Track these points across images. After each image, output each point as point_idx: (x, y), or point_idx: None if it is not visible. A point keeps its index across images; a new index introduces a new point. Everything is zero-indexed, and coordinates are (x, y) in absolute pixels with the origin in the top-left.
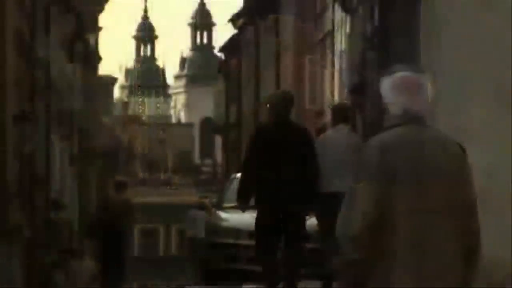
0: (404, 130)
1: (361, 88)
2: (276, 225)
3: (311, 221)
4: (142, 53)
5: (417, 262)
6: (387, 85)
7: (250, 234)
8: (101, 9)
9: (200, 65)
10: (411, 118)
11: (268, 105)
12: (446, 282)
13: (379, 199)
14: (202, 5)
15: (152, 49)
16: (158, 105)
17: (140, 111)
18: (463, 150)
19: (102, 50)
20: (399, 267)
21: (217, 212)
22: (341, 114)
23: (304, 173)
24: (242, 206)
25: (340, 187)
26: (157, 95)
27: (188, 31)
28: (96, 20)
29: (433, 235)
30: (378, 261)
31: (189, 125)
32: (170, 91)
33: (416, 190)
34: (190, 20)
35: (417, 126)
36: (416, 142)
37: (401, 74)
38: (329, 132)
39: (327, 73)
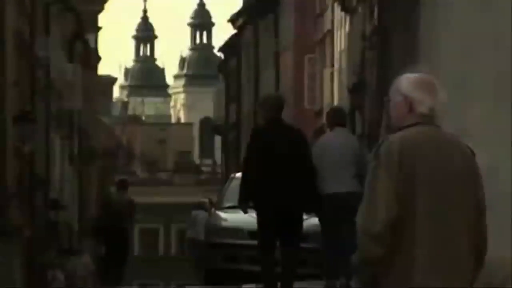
0: (424, 129)
1: (361, 88)
2: (274, 225)
3: (310, 221)
4: (141, 53)
5: (435, 261)
6: (411, 84)
7: (249, 234)
8: (100, 9)
9: (200, 65)
10: (433, 117)
11: (260, 109)
12: (462, 281)
13: (400, 196)
14: (201, 5)
15: (152, 49)
16: (157, 105)
17: (140, 111)
18: (473, 152)
19: (102, 50)
20: (418, 266)
21: (217, 212)
22: (338, 117)
23: (299, 172)
24: (244, 207)
25: (339, 188)
26: (157, 95)
27: (187, 31)
28: (95, 20)
29: (450, 234)
30: (397, 259)
31: (188, 125)
32: (170, 91)
33: (435, 188)
34: (189, 20)
35: (434, 126)
36: (435, 141)
37: (421, 74)
38: (327, 134)
39: (327, 72)
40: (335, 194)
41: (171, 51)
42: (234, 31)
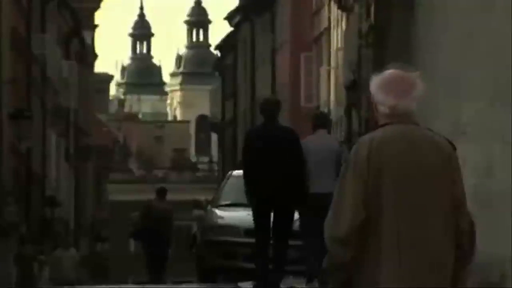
0: (392, 128)
1: (357, 86)
2: (267, 221)
3: None
4: (138, 51)
5: (404, 261)
6: (375, 84)
7: (246, 232)
8: (97, 7)
9: (196, 62)
10: (399, 116)
11: (260, 110)
12: (439, 281)
13: (366, 198)
14: (198, 2)
15: (148, 47)
16: (154, 102)
17: (136, 108)
18: (454, 147)
19: (98, 47)
20: (385, 266)
21: (213, 210)
22: (320, 120)
23: (291, 168)
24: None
25: (321, 189)
26: (153, 92)
27: (184, 28)
28: (92, 18)
29: (419, 233)
30: (365, 260)
31: (185, 122)
32: (166, 89)
33: (404, 188)
34: (186, 18)
35: (405, 125)
36: (405, 140)
37: (389, 72)
38: (310, 137)
39: (323, 70)
40: (316, 194)
41: (168, 49)
42: (230, 29)
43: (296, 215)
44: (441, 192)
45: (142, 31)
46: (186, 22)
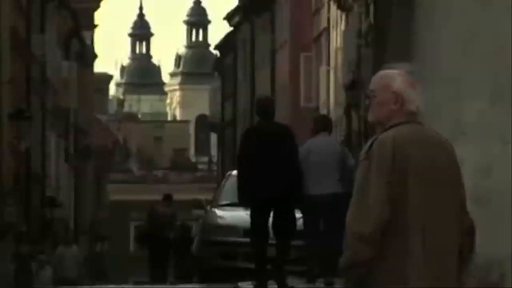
0: (412, 127)
1: (357, 85)
2: (265, 220)
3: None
4: (137, 51)
5: (428, 261)
6: (404, 82)
7: (245, 232)
8: (96, 7)
9: (196, 62)
10: (415, 116)
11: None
12: (451, 280)
13: (392, 196)
14: (197, 2)
15: (148, 47)
16: (153, 102)
17: (136, 108)
18: (452, 147)
19: (98, 47)
20: (413, 266)
21: (213, 209)
22: (322, 123)
23: (286, 162)
24: (245, 203)
25: (323, 190)
26: (153, 92)
27: (183, 28)
28: (91, 18)
29: (440, 233)
30: (388, 260)
31: (184, 122)
32: (166, 89)
33: (427, 187)
34: (185, 18)
35: (420, 125)
36: (422, 139)
37: (406, 72)
38: (312, 140)
39: (323, 70)
40: (319, 195)
41: (167, 49)
42: (230, 29)
43: (299, 214)
44: (452, 192)
45: (141, 31)
46: (186, 22)
